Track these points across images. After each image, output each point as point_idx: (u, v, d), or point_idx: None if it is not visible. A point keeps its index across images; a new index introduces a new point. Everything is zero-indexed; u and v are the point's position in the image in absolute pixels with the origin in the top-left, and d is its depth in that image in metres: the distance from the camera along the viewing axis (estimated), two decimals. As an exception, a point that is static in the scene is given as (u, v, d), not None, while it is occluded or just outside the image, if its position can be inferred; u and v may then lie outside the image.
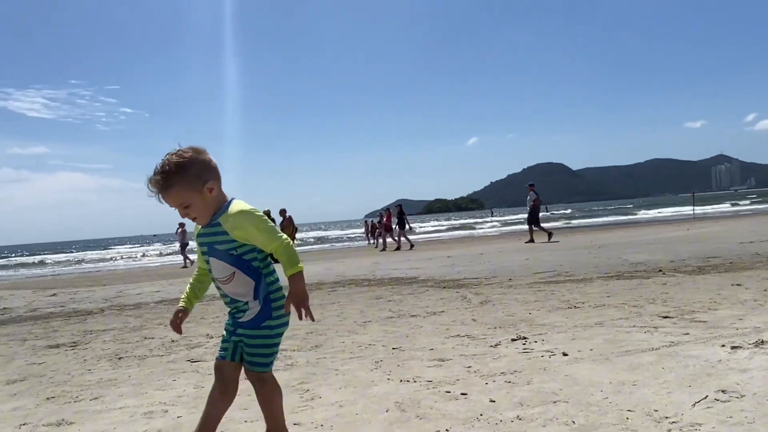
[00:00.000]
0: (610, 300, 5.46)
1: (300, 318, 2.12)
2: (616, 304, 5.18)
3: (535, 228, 18.19)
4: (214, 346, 4.65)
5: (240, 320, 2.21)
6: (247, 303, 2.21)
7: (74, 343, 5.40)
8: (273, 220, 19.44)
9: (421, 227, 56.76)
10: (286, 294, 2.18)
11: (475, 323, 4.81)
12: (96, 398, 3.32)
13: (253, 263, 2.18)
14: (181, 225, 21.41)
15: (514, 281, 7.69)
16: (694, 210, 34.61)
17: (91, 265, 32.64)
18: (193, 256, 20.91)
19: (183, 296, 2.33)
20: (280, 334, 2.22)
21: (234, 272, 2.16)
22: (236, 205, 2.14)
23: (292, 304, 2.12)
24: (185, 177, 2.07)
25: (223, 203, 2.17)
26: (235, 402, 2.33)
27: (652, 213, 48.12)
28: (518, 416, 2.48)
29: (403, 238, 21.41)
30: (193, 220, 2.19)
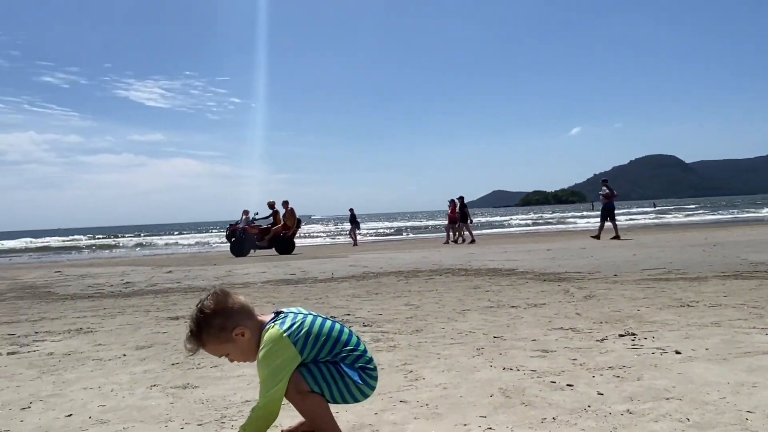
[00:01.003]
0: (728, 300, 5.15)
1: None
2: (734, 305, 4.89)
3: (606, 223, 17.83)
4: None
5: None
6: None
7: (192, 316, 5.80)
8: (277, 212, 19.80)
9: (516, 219, 55.69)
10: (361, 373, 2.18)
11: (579, 317, 4.71)
12: (216, 366, 3.58)
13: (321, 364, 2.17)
14: (246, 212, 21.94)
15: (620, 277, 7.41)
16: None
17: (203, 246, 34.68)
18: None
19: None
20: (351, 391, 2.16)
21: None
22: (262, 345, 2.11)
23: None
24: (211, 333, 2.11)
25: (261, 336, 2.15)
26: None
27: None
28: (628, 410, 2.43)
29: (466, 232, 21.16)
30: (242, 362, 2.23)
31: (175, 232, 66.71)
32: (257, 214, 20.18)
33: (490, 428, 2.30)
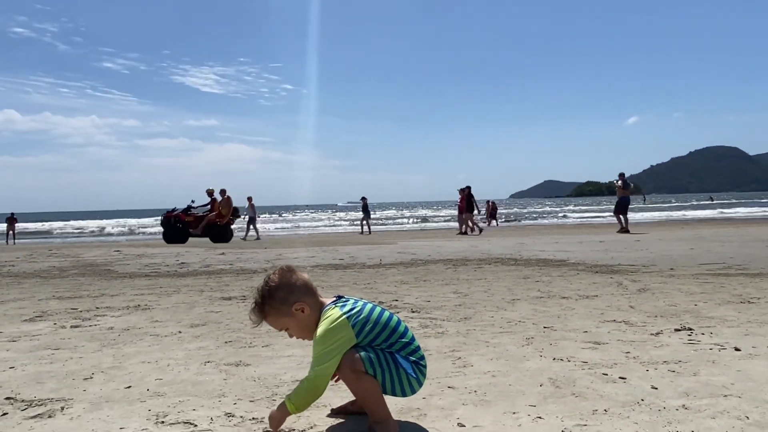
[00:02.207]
0: (792, 298, 4.93)
1: None
2: (799, 303, 4.67)
3: (618, 215, 18.49)
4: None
5: None
6: None
7: (244, 296, 5.94)
8: (215, 200, 19.54)
9: (568, 210, 54.71)
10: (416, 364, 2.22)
11: (632, 310, 4.60)
12: (267, 345, 3.66)
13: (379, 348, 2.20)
14: (249, 199, 21.87)
15: (677, 271, 7.19)
16: None
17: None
18: (259, 226, 23.06)
19: None
20: (401, 382, 2.19)
21: None
22: (321, 323, 2.17)
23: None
24: (273, 305, 2.19)
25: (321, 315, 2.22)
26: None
27: None
28: (684, 405, 2.36)
29: (470, 223, 20.83)
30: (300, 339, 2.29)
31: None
32: (194, 201, 20.11)
33: (540, 417, 2.28)
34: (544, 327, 4.03)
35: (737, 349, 3.26)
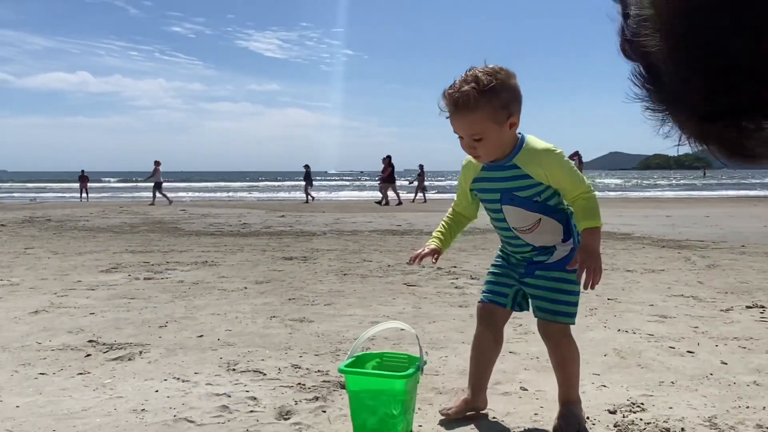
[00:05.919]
0: None
1: (585, 285, 1.77)
2: None
3: None
4: (427, 274, 4.90)
5: (545, 262, 1.92)
6: (554, 246, 1.92)
7: (305, 257, 6.08)
8: None
9: (632, 183, 52.99)
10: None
11: (701, 285, 4.46)
12: (329, 304, 3.76)
13: (559, 206, 1.89)
14: (156, 163, 19.56)
15: (748, 248, 6.88)
16: None
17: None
18: (170, 195, 20.09)
19: (436, 234, 2.09)
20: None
21: (540, 219, 1.86)
22: (535, 143, 1.83)
23: (579, 261, 1.75)
24: (492, 103, 1.71)
25: (517, 141, 1.84)
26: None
27: None
28: (755, 381, 2.30)
29: (391, 192, 19.80)
30: (475, 157, 1.85)
31: (279, 179, 69.50)
32: None
33: (605, 386, 2.27)
34: (608, 299, 3.97)
35: (815, 330, 3.13)
